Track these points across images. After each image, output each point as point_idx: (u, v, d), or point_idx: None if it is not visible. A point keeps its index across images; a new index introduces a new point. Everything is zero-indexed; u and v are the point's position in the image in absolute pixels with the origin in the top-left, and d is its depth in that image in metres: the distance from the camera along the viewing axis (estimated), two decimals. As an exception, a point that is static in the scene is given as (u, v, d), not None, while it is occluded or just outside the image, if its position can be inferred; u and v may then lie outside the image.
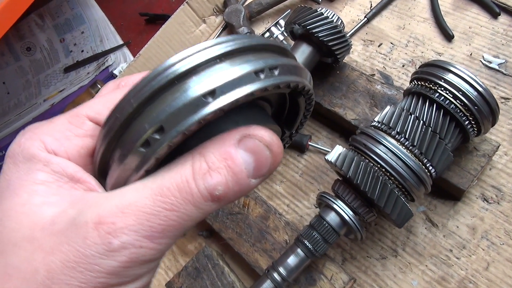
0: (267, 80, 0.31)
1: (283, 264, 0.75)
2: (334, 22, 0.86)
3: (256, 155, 0.32)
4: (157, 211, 0.30)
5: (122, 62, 1.45)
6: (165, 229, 0.30)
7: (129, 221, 0.29)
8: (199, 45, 0.31)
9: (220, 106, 0.29)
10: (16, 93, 1.56)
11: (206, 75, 0.30)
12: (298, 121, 0.44)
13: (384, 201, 0.67)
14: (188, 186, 0.30)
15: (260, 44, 0.33)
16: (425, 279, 0.80)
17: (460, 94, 0.69)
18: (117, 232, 0.29)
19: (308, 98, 0.40)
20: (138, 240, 0.29)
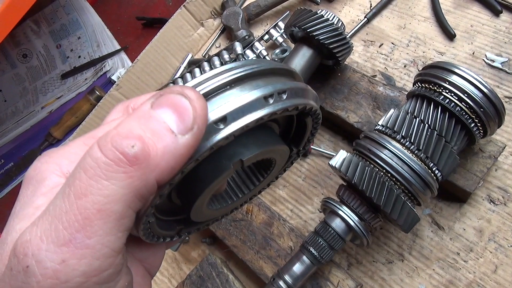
0: (275, 104, 0.32)
1: (288, 272, 0.73)
2: (335, 24, 0.85)
3: (172, 106, 0.28)
4: (67, 205, 0.25)
5: (120, 68, 1.43)
6: (85, 224, 0.24)
7: (42, 232, 0.25)
8: (210, 72, 0.32)
9: (231, 132, 0.30)
10: (13, 101, 1.55)
11: (217, 102, 0.31)
12: (305, 139, 0.44)
13: (391, 207, 0.66)
14: (93, 158, 0.25)
15: (268, 69, 0.34)
16: (433, 283, 0.79)
17: (465, 96, 0.67)
18: (31, 249, 0.24)
19: (315, 117, 0.40)
20: (57, 252, 0.24)
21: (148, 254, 0.41)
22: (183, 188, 0.36)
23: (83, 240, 0.24)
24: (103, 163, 0.25)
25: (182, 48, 1.25)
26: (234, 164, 0.33)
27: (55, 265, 0.24)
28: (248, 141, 0.34)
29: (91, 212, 0.25)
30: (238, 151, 0.34)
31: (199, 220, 0.41)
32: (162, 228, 0.39)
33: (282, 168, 0.47)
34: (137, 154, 0.25)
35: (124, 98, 1.18)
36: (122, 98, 1.18)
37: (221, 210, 0.43)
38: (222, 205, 0.42)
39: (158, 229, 0.38)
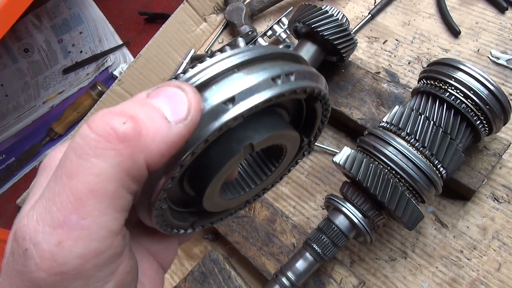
0: (283, 85, 0.32)
1: (291, 269, 0.73)
2: (339, 20, 0.84)
3: (168, 96, 0.28)
4: (59, 187, 0.25)
5: (122, 63, 1.43)
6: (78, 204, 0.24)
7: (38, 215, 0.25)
8: (217, 56, 0.32)
9: (240, 111, 0.30)
10: (15, 96, 1.55)
11: (225, 84, 0.31)
12: (315, 128, 0.44)
13: (395, 204, 0.65)
14: (82, 136, 0.25)
15: (275, 53, 0.34)
16: (436, 280, 0.79)
17: (471, 93, 0.67)
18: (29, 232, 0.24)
19: (325, 103, 0.40)
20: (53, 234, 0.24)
21: (161, 248, 0.40)
22: (194, 175, 0.36)
23: (78, 221, 0.24)
24: (92, 140, 0.25)
25: (184, 43, 1.25)
26: (244, 148, 0.33)
27: (52, 247, 0.24)
28: (258, 125, 0.35)
29: (83, 192, 0.24)
30: (248, 135, 0.34)
31: (213, 210, 0.41)
32: (176, 218, 0.38)
33: (294, 160, 0.47)
34: (127, 130, 0.25)
35: (126, 94, 1.18)
36: (124, 93, 1.17)
37: (234, 201, 0.43)
38: (234, 195, 0.42)
39: (172, 218, 0.38)
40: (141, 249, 0.39)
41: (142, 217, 0.36)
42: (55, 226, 0.24)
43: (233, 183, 0.44)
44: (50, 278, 0.24)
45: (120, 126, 0.25)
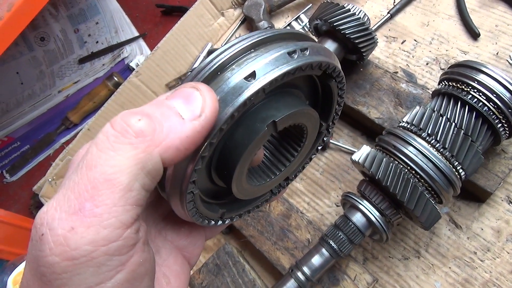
0: (300, 59, 0.33)
1: (307, 264, 0.74)
2: (361, 18, 0.84)
3: (183, 96, 0.30)
4: (79, 177, 0.26)
5: (138, 54, 1.43)
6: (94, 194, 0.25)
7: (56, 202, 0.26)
8: (234, 40, 0.34)
9: (261, 85, 0.32)
10: (30, 84, 1.56)
11: (245, 62, 0.33)
12: (333, 111, 0.45)
13: (414, 204, 0.66)
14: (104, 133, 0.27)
15: (288, 33, 0.37)
16: (449, 281, 0.80)
17: (494, 96, 0.67)
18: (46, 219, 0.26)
19: (340, 81, 0.41)
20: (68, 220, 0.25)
21: (187, 243, 0.41)
22: (222, 161, 0.37)
23: (92, 208, 0.25)
24: (111, 135, 0.27)
25: (202, 37, 1.25)
26: (268, 126, 0.35)
27: (65, 232, 0.25)
28: (278, 105, 0.36)
29: (99, 182, 0.26)
30: (271, 114, 0.35)
31: (241, 196, 0.42)
32: (207, 209, 0.40)
33: (314, 147, 0.48)
34: (142, 127, 0.27)
35: (144, 86, 1.19)
36: (141, 85, 1.18)
37: (260, 188, 0.44)
38: (261, 182, 0.43)
39: (204, 208, 0.39)
40: (167, 244, 0.40)
41: (174, 207, 0.37)
42: (71, 213, 0.25)
43: (258, 170, 0.45)
44: (63, 263, 0.25)
45: (136, 122, 0.27)
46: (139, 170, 0.27)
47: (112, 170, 0.26)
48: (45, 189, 1.15)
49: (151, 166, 0.27)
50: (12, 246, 1.08)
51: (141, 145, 0.27)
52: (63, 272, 0.25)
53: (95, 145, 0.27)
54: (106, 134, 0.27)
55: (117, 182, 0.26)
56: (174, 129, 0.28)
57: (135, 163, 0.26)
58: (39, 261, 0.26)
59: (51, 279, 0.25)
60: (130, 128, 0.27)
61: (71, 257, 0.25)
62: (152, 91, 1.21)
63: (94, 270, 0.26)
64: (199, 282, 0.88)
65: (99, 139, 0.27)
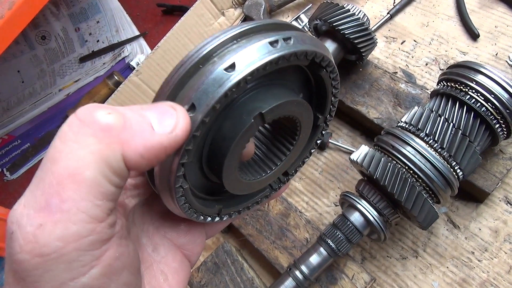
0: (283, 49, 0.33)
1: (305, 262, 0.75)
2: (361, 19, 0.85)
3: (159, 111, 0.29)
4: (44, 172, 0.25)
5: (138, 54, 1.44)
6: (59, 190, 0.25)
7: (24, 200, 0.25)
8: (217, 33, 0.34)
9: (242, 76, 0.31)
10: (31, 82, 1.56)
11: (226, 54, 0.33)
12: (328, 103, 0.44)
13: (412, 203, 0.66)
14: (67, 123, 0.26)
15: (272, 24, 0.36)
16: (446, 280, 0.80)
17: (492, 97, 0.68)
18: (15, 216, 0.25)
19: (331, 71, 0.40)
20: (36, 217, 0.25)
21: (186, 240, 0.41)
22: (211, 154, 0.37)
23: (58, 204, 0.25)
24: (75, 126, 0.26)
25: (202, 36, 1.26)
26: (255, 118, 0.35)
27: (34, 229, 0.25)
28: (265, 96, 0.36)
29: (64, 177, 0.25)
30: (257, 106, 0.35)
31: (235, 192, 0.41)
32: (202, 204, 0.39)
33: (313, 140, 0.47)
34: (110, 121, 0.26)
35: (144, 85, 1.19)
36: (141, 84, 1.19)
37: (255, 184, 0.43)
38: (255, 177, 0.43)
39: (198, 204, 0.38)
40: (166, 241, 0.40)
41: (166, 202, 0.36)
42: (38, 210, 0.25)
43: (253, 164, 0.44)
44: (32, 260, 0.25)
45: (104, 116, 0.26)
46: (104, 166, 0.26)
47: (76, 164, 0.25)
48: (45, 187, 1.16)
49: (116, 164, 0.27)
50: (12, 244, 1.09)
51: (105, 139, 0.26)
52: (34, 269, 0.25)
53: (58, 138, 0.26)
54: (69, 125, 0.26)
55: (82, 177, 0.25)
56: (141, 134, 0.27)
57: (99, 158, 0.26)
58: (11, 259, 0.26)
59: (23, 276, 0.25)
60: (97, 120, 0.26)
61: (41, 254, 0.25)
62: (153, 90, 1.22)
63: (66, 266, 0.25)
64: (197, 280, 0.88)
65: (62, 131, 0.26)
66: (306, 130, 0.43)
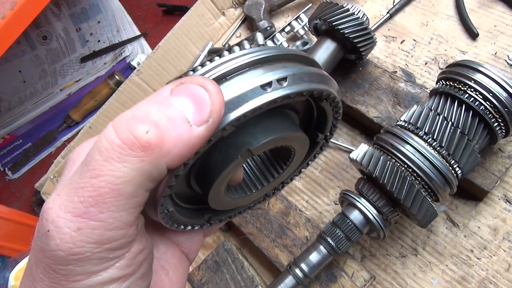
0: (275, 92, 0.31)
1: (305, 261, 0.75)
2: (360, 18, 0.85)
3: (192, 96, 0.28)
4: (83, 182, 0.27)
5: (139, 53, 1.45)
6: (99, 200, 0.26)
7: (61, 202, 0.27)
8: (210, 64, 0.32)
9: (227, 122, 0.30)
10: (32, 82, 1.57)
11: (225, 87, 0.31)
12: (329, 124, 0.43)
13: (411, 201, 0.67)
14: (108, 140, 0.27)
15: (272, 56, 0.33)
16: (445, 278, 0.81)
17: (490, 96, 0.68)
18: (51, 216, 0.27)
19: (332, 101, 0.38)
20: (73, 221, 0.26)
21: (184, 239, 0.42)
22: (199, 174, 0.37)
23: (97, 214, 0.26)
24: (117, 146, 0.26)
25: (202, 36, 1.26)
26: (242, 154, 0.33)
27: (72, 232, 0.26)
28: (256, 130, 0.34)
29: (104, 191, 0.26)
30: (246, 141, 0.34)
31: (221, 208, 0.41)
32: (187, 216, 0.39)
33: (311, 155, 0.46)
34: (150, 140, 0.26)
35: (144, 84, 1.20)
36: (142, 83, 1.19)
37: (242, 200, 0.43)
38: (240, 195, 0.42)
39: (181, 216, 0.38)
40: (164, 240, 0.41)
41: (149, 213, 0.36)
42: (76, 214, 0.27)
43: (240, 184, 0.43)
44: (68, 257, 0.27)
45: (143, 135, 0.26)
46: (145, 180, 0.27)
47: (118, 181, 0.26)
48: (46, 186, 1.16)
49: (157, 174, 0.28)
50: (14, 243, 1.10)
51: (147, 158, 0.27)
52: (68, 265, 0.27)
53: (99, 152, 0.27)
54: (111, 143, 0.26)
55: (122, 191, 0.27)
56: (181, 138, 0.27)
57: (142, 174, 0.27)
58: (45, 253, 0.27)
59: (56, 269, 0.27)
60: (137, 140, 0.26)
61: (76, 253, 0.27)
62: (153, 89, 1.22)
63: (97, 262, 0.28)
64: (198, 278, 0.89)
65: (104, 146, 0.27)
66: (300, 153, 0.42)
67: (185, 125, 0.28)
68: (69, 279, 0.27)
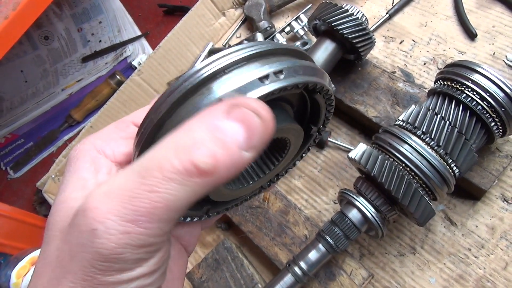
0: (272, 84, 0.32)
1: (304, 259, 0.76)
2: (359, 19, 0.86)
3: (245, 124, 0.30)
4: (138, 193, 0.29)
5: (140, 53, 1.45)
6: (151, 212, 0.29)
7: (112, 206, 0.29)
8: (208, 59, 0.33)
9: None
10: (34, 82, 1.58)
11: (214, 86, 0.33)
12: (322, 117, 0.44)
13: (408, 200, 0.67)
14: (170, 163, 0.29)
15: (267, 50, 0.35)
16: (443, 277, 0.81)
17: (487, 96, 0.69)
18: (100, 217, 0.29)
19: (325, 94, 0.40)
20: (122, 225, 0.29)
21: (183, 232, 0.44)
22: None
23: (145, 223, 0.29)
24: (178, 171, 0.28)
25: (203, 36, 1.27)
26: None
27: (119, 234, 0.28)
28: None
29: (158, 205, 0.29)
30: None
31: (219, 200, 0.43)
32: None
33: (304, 147, 0.48)
34: (208, 169, 0.28)
35: (145, 84, 1.21)
36: (143, 83, 1.20)
37: (239, 191, 0.44)
38: (238, 187, 0.43)
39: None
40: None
41: None
42: (126, 220, 0.28)
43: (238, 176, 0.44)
44: (109, 255, 0.29)
45: (202, 164, 0.28)
46: (195, 198, 0.30)
47: (172, 198, 0.28)
48: (48, 185, 1.17)
49: (206, 192, 0.30)
50: (16, 241, 1.10)
51: (203, 182, 0.29)
52: (108, 262, 0.29)
53: (159, 171, 0.28)
54: (172, 166, 0.28)
55: (174, 208, 0.29)
56: (233, 164, 0.29)
57: (194, 195, 0.29)
58: (86, 248, 0.29)
59: (94, 264, 0.29)
60: (197, 169, 0.28)
61: (119, 253, 0.29)
62: (154, 89, 1.23)
63: (134, 261, 0.30)
64: (198, 276, 0.89)
65: (165, 167, 0.28)
66: (295, 145, 0.43)
67: (238, 152, 0.29)
68: (105, 274, 0.29)
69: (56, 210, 0.35)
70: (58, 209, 0.35)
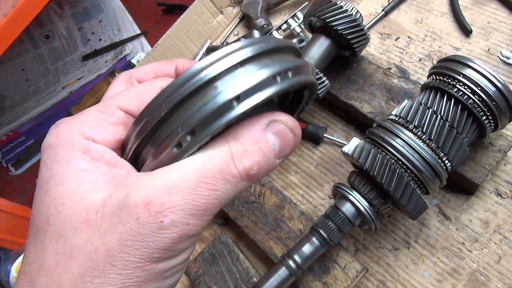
0: (283, 83, 0.35)
1: (298, 252, 0.77)
2: (353, 15, 0.87)
3: (282, 138, 0.37)
4: (200, 191, 0.33)
5: (139, 51, 1.47)
6: (208, 207, 0.33)
7: (176, 201, 0.33)
8: (220, 51, 0.34)
9: (244, 110, 0.34)
10: (35, 80, 1.60)
11: (230, 81, 0.34)
12: (301, 106, 0.48)
13: (400, 193, 0.68)
14: (228, 168, 0.34)
15: (274, 47, 0.37)
16: (437, 270, 0.82)
17: (479, 90, 0.69)
18: (167, 211, 0.32)
19: (312, 89, 0.43)
20: (184, 218, 0.33)
21: None
22: None
23: (201, 216, 0.34)
24: (234, 175, 0.35)
25: (201, 34, 1.28)
26: None
27: (183, 226, 0.33)
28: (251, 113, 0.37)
29: (215, 202, 0.34)
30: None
31: None
32: None
33: None
34: (254, 174, 0.36)
35: (144, 81, 1.22)
36: (141, 81, 1.21)
37: None
38: None
39: None
40: None
41: None
42: (188, 214, 0.33)
43: None
44: (171, 244, 0.33)
45: (252, 171, 0.35)
46: (230, 198, 0.36)
47: (225, 196, 0.35)
48: (48, 181, 1.18)
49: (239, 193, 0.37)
50: (16, 236, 1.12)
51: (247, 184, 0.36)
52: (165, 250, 0.33)
53: (220, 173, 0.34)
54: (229, 171, 0.35)
55: (222, 204, 0.35)
56: (269, 169, 0.37)
57: (231, 196, 0.36)
58: (148, 239, 0.32)
59: (153, 252, 0.33)
60: (247, 175, 0.35)
61: (177, 242, 0.33)
62: (153, 86, 1.24)
63: (181, 250, 0.35)
64: (194, 270, 0.90)
65: (225, 171, 0.34)
66: None
67: (273, 160, 0.37)
68: (158, 261, 0.33)
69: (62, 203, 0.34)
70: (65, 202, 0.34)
